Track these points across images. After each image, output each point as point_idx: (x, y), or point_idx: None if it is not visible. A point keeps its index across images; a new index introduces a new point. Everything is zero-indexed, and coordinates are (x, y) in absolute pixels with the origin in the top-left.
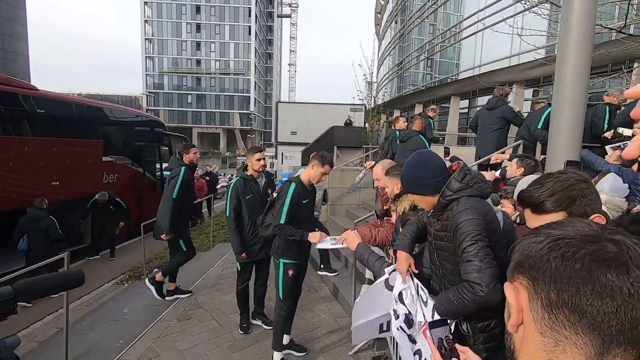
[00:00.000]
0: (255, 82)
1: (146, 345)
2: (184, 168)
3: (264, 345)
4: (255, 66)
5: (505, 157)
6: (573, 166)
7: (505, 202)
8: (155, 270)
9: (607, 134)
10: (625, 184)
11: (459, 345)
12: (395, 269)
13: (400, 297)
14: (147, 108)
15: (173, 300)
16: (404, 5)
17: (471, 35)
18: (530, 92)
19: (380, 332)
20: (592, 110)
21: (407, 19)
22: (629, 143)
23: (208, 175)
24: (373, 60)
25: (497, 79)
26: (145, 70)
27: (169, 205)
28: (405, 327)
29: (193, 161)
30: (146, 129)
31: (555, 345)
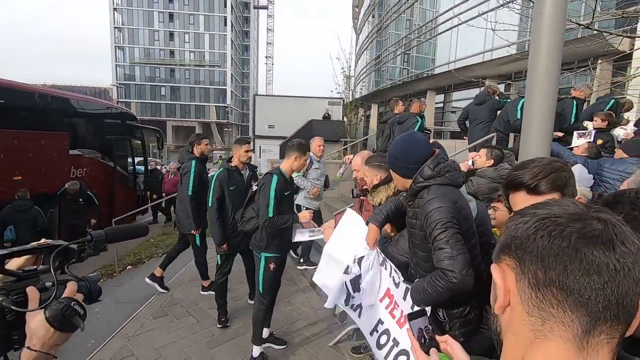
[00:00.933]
0: (231, 75)
1: (120, 344)
2: (194, 162)
3: (243, 339)
4: (232, 58)
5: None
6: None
7: (499, 205)
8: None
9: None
10: (590, 175)
11: (439, 336)
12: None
13: (359, 261)
14: (118, 100)
15: (148, 298)
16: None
17: (446, 30)
18: (502, 87)
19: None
20: (561, 104)
21: (385, 13)
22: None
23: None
24: (351, 54)
25: (472, 74)
26: (115, 61)
27: (186, 203)
28: (350, 286)
29: (204, 153)
30: (117, 121)
31: (543, 324)
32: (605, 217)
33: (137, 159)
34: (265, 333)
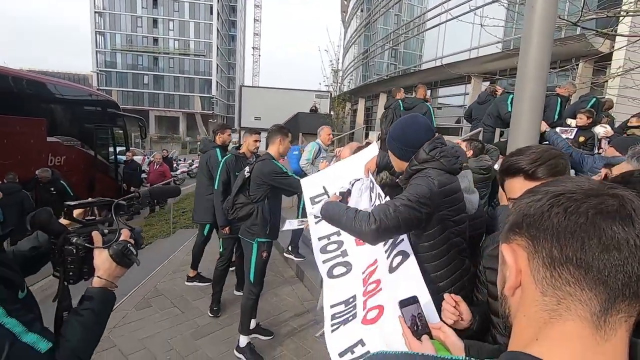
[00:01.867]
0: (217, 65)
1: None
2: (218, 150)
3: (228, 330)
4: (218, 48)
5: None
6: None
7: None
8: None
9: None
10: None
11: (432, 323)
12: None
13: (354, 183)
14: (98, 88)
15: (130, 288)
16: None
17: (434, 27)
18: (487, 85)
19: None
20: (546, 101)
21: (373, 7)
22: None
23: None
24: (340, 47)
25: (458, 70)
26: (96, 47)
27: (217, 197)
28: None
29: (225, 142)
30: (97, 108)
31: (558, 304)
32: (621, 193)
33: (120, 149)
34: (252, 324)
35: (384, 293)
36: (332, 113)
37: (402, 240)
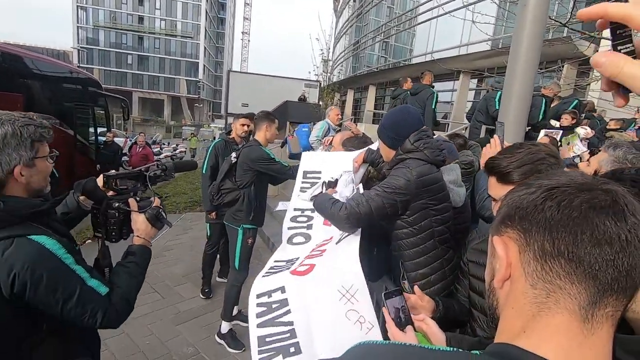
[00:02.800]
0: (205, 48)
1: None
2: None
3: (209, 317)
4: (206, 30)
5: None
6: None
7: None
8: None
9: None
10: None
11: (415, 315)
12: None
13: (340, 175)
14: (79, 65)
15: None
16: None
17: (426, 21)
18: (475, 82)
19: None
20: (532, 101)
21: None
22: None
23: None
24: (331, 36)
25: (447, 66)
26: (77, 22)
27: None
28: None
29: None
30: (78, 86)
31: (547, 297)
32: (613, 189)
33: (101, 130)
34: (234, 310)
35: (321, 257)
36: (321, 103)
37: None
